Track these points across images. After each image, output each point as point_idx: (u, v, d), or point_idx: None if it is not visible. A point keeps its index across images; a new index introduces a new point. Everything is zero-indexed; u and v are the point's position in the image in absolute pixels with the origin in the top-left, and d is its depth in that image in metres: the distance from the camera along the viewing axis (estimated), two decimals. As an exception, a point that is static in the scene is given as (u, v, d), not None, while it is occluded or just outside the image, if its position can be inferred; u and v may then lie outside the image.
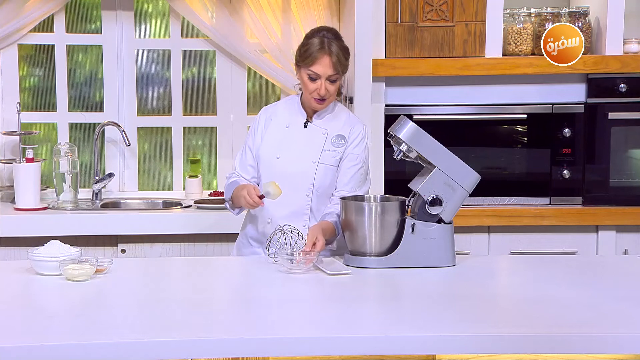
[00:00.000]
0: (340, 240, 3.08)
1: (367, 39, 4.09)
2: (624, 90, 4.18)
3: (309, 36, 3.10)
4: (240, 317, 2.39)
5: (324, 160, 3.09)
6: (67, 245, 2.85)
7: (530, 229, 4.14)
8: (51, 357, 2.09)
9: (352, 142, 3.12)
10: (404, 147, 2.90)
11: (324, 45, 3.02)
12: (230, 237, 4.01)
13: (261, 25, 4.39)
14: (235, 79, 4.54)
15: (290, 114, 3.17)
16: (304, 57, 3.05)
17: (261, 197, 2.96)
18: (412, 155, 2.91)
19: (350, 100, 4.24)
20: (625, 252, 4.15)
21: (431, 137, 2.92)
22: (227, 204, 3.22)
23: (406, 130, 2.87)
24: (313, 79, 3.04)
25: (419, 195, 2.92)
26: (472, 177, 2.95)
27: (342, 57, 3.04)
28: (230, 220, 4.02)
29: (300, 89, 3.16)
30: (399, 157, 2.93)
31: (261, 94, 4.60)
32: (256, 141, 3.19)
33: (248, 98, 4.57)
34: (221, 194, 4.41)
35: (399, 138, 2.88)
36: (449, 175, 2.90)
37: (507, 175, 3.07)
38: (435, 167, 2.90)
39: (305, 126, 3.13)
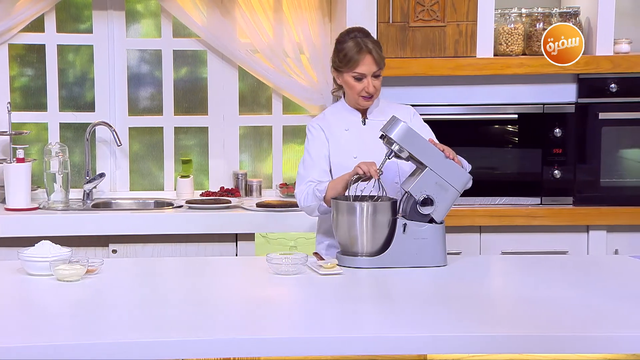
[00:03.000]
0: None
1: (359, 39, 4.09)
2: (614, 90, 4.19)
3: (341, 41, 3.14)
4: (232, 317, 2.38)
5: None
6: (58, 245, 2.84)
7: (522, 229, 4.15)
8: (43, 356, 2.08)
9: (415, 120, 3.19)
10: (395, 147, 2.90)
11: (362, 46, 3.08)
12: (222, 237, 4.02)
13: (253, 25, 4.38)
14: (226, 79, 4.54)
15: (344, 118, 3.20)
16: (344, 61, 3.10)
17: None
18: (404, 155, 2.92)
19: (342, 100, 4.24)
20: (616, 252, 4.16)
21: (422, 137, 2.92)
22: (322, 206, 3.10)
23: (397, 130, 2.88)
24: (359, 79, 3.10)
25: (411, 195, 2.92)
26: (463, 177, 2.95)
27: (380, 52, 3.12)
28: (222, 221, 4.03)
29: (335, 94, 3.26)
30: (390, 157, 2.93)
31: (253, 94, 4.60)
32: (323, 150, 3.17)
33: (240, 98, 4.57)
34: (213, 194, 4.41)
35: (390, 138, 2.89)
36: (441, 175, 2.91)
37: (499, 175, 3.08)
38: (426, 167, 2.91)
39: (364, 124, 3.17)
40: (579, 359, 2.46)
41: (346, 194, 2.96)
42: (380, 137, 2.95)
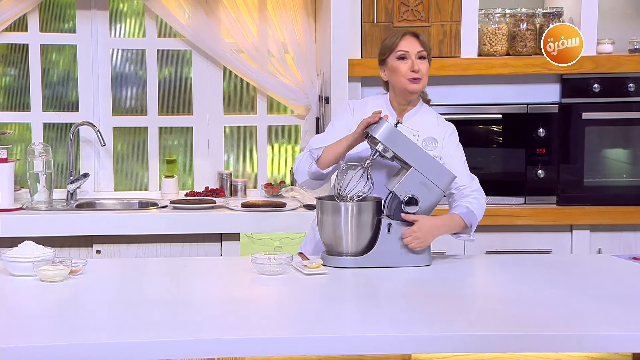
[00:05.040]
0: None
1: (343, 39, 4.10)
2: (597, 90, 4.22)
3: (385, 38, 3.13)
4: (217, 317, 2.38)
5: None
6: (41, 246, 2.83)
7: (506, 229, 4.17)
8: (26, 357, 2.07)
9: (449, 141, 3.08)
10: (380, 147, 2.90)
11: (402, 31, 3.06)
12: (207, 238, 4.02)
13: (237, 25, 4.38)
14: (211, 79, 4.53)
15: None
16: (387, 45, 3.06)
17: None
18: (388, 155, 2.92)
19: (327, 100, 4.25)
20: (599, 251, 4.19)
21: (407, 137, 2.93)
22: (312, 166, 3.03)
23: (382, 130, 2.88)
24: (403, 57, 3.02)
25: (395, 195, 2.93)
26: (447, 177, 2.96)
27: (426, 40, 3.06)
28: (206, 221, 4.02)
29: (386, 89, 3.15)
30: (375, 157, 2.94)
31: (237, 94, 4.60)
32: (344, 129, 3.07)
33: (224, 98, 4.56)
34: (198, 194, 4.40)
35: (375, 138, 2.89)
36: (425, 175, 2.91)
37: (483, 175, 3.08)
38: (411, 167, 2.91)
39: (396, 126, 3.02)
40: (562, 358, 2.47)
41: (336, 191, 2.95)
42: (365, 137, 2.95)
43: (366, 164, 2.92)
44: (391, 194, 2.96)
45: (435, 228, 2.92)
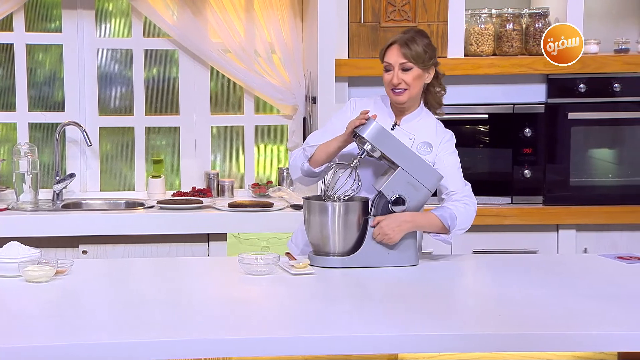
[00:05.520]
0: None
1: (330, 39, 4.10)
2: (583, 90, 4.24)
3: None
4: (204, 318, 2.37)
5: None
6: (27, 246, 2.81)
7: (492, 228, 4.18)
8: (15, 357, 2.06)
9: (444, 148, 3.06)
10: (367, 147, 2.91)
11: (395, 37, 3.02)
12: (194, 238, 4.01)
13: (224, 25, 4.37)
14: (198, 79, 4.52)
15: (379, 115, 3.07)
16: (380, 54, 3.05)
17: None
18: (376, 154, 2.92)
19: (314, 100, 4.25)
20: (585, 251, 4.21)
21: (395, 137, 2.93)
22: (305, 164, 3.04)
23: (370, 129, 2.88)
24: (387, 70, 3.02)
25: (383, 194, 2.93)
26: (434, 177, 2.96)
27: (417, 48, 2.97)
28: (193, 221, 4.01)
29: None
30: (363, 156, 2.94)
31: (224, 94, 4.59)
32: (342, 127, 3.04)
33: (211, 98, 4.55)
34: (185, 194, 4.39)
35: (363, 137, 2.89)
36: (412, 175, 2.92)
37: (470, 175, 3.09)
38: (398, 166, 2.92)
39: (393, 129, 3.04)
40: (548, 358, 2.48)
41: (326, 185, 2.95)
42: (354, 137, 2.95)
43: (354, 163, 2.93)
44: (379, 193, 2.96)
45: (404, 222, 2.91)
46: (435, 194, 3.05)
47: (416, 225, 2.96)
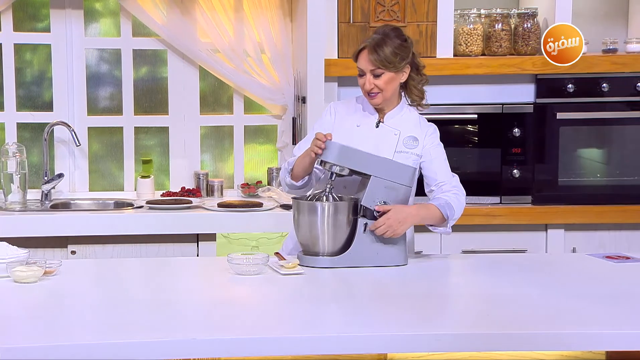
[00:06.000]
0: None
1: (320, 39, 4.10)
2: (572, 90, 4.25)
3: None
4: (193, 318, 2.37)
5: (397, 160, 3.02)
6: (15, 246, 2.80)
7: (481, 228, 4.19)
8: (3, 357, 2.05)
9: (430, 140, 3.08)
10: (335, 169, 2.90)
11: (366, 41, 2.99)
12: (183, 238, 4.00)
13: (213, 24, 4.37)
14: (187, 79, 4.51)
15: (362, 114, 3.09)
16: (353, 57, 3.04)
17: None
18: (345, 172, 2.92)
19: (304, 100, 4.25)
20: (574, 250, 4.22)
21: (357, 149, 2.92)
22: (287, 179, 3.06)
23: (331, 152, 2.87)
24: (360, 75, 3.01)
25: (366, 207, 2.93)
26: (408, 172, 2.97)
27: (385, 53, 2.94)
28: (183, 221, 4.00)
29: None
30: (334, 179, 2.94)
31: (214, 94, 4.58)
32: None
33: (200, 98, 4.55)
34: (174, 194, 4.38)
35: (327, 162, 2.89)
36: (386, 179, 2.92)
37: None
38: (370, 175, 2.92)
39: (377, 126, 3.05)
40: (537, 357, 2.49)
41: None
42: (320, 164, 2.94)
43: (328, 188, 2.93)
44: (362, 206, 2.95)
45: (410, 216, 2.91)
46: (422, 188, 3.06)
47: (421, 218, 2.96)
